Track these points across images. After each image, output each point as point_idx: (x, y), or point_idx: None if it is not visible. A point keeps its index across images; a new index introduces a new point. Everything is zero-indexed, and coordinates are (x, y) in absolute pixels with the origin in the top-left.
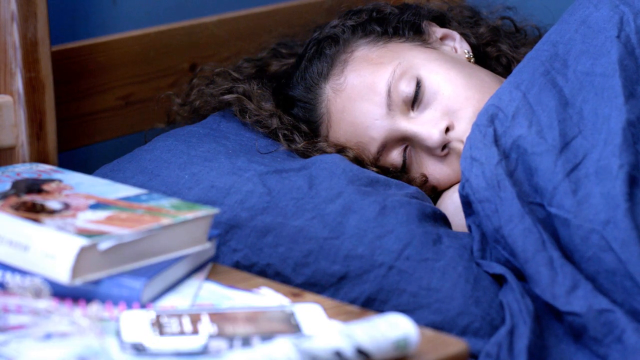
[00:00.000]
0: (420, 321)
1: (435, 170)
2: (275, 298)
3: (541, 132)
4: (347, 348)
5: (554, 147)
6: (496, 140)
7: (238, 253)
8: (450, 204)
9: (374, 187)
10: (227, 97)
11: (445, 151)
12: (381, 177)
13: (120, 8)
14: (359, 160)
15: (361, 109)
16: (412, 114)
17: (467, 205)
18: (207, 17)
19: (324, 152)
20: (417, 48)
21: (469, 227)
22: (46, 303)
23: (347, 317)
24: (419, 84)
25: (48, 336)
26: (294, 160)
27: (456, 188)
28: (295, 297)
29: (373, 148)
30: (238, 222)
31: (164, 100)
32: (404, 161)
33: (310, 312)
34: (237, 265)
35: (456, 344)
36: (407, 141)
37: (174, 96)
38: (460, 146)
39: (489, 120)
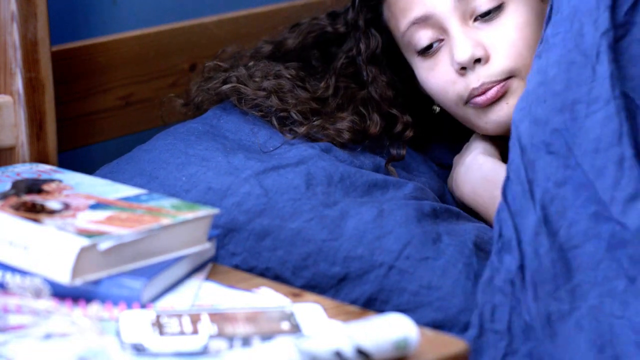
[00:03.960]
0: (421, 320)
1: (442, 76)
2: (275, 298)
3: None
4: (347, 348)
5: None
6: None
7: (237, 257)
8: (477, 170)
9: (371, 195)
10: (224, 88)
11: (462, 72)
12: (379, 177)
13: (120, 8)
14: (355, 139)
15: None
16: (470, 23)
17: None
18: (207, 17)
19: (323, 132)
20: None
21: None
22: (46, 303)
23: (347, 317)
24: (500, 7)
25: (48, 336)
26: (291, 152)
27: (482, 156)
28: (295, 297)
29: (414, 13)
30: (236, 226)
31: (166, 102)
32: (429, 46)
33: (310, 312)
34: (236, 269)
35: (456, 344)
36: (444, 37)
37: (176, 97)
38: (475, 86)
39: None
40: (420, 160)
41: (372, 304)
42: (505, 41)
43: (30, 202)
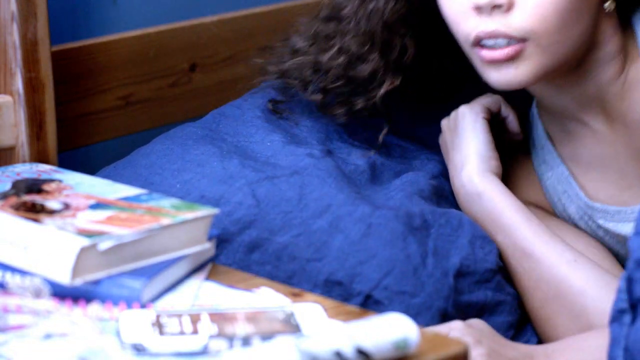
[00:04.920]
0: None
1: (458, 6)
2: (275, 298)
3: None
4: (347, 348)
5: None
6: None
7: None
8: (477, 200)
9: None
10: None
11: (478, 10)
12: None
13: (120, 8)
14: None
15: None
16: None
17: None
18: (207, 17)
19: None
20: None
21: None
22: (46, 303)
23: (347, 317)
24: None
25: (48, 336)
26: (287, 159)
27: (478, 177)
28: (295, 297)
29: None
30: (226, 236)
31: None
32: None
33: (310, 312)
34: (236, 270)
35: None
36: None
37: (266, 63)
38: (487, 30)
39: None
40: (419, 150)
41: None
42: (535, 4)
43: (30, 202)
